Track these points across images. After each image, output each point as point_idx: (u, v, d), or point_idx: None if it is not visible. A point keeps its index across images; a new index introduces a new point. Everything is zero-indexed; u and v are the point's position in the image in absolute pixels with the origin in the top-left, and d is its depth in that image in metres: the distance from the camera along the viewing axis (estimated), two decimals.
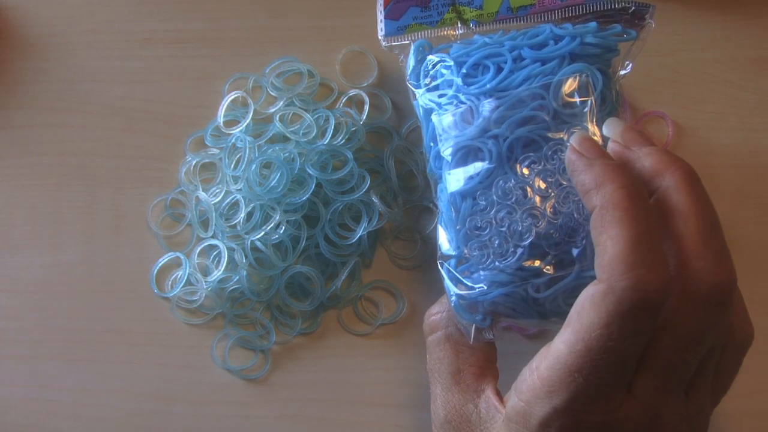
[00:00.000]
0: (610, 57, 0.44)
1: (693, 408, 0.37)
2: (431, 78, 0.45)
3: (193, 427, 0.49)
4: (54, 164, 0.53)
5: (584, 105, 0.41)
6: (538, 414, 0.35)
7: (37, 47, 0.55)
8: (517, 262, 0.40)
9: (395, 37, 0.47)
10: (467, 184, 0.42)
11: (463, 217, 0.41)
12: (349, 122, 0.51)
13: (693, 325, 0.35)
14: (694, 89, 0.54)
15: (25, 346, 0.50)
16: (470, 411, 0.40)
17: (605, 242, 0.34)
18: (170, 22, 0.55)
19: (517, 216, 0.40)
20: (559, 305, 0.40)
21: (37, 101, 0.54)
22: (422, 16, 0.47)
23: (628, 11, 0.45)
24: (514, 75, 0.42)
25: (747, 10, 0.55)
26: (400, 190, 0.51)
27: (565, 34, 0.43)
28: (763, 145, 0.53)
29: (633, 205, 0.34)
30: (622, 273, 0.33)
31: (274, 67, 0.54)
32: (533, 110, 0.41)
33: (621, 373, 0.35)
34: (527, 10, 0.46)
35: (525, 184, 0.40)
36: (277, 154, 0.49)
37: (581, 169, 0.37)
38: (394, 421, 0.49)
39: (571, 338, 0.34)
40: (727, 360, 0.38)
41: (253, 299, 0.50)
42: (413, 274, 0.51)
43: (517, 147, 0.41)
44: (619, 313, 0.33)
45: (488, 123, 0.42)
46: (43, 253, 0.51)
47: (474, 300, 0.40)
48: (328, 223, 0.49)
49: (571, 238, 0.39)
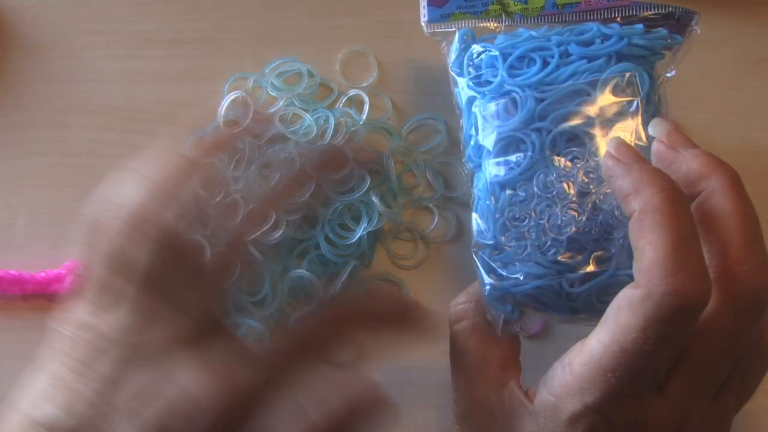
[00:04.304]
0: (654, 60, 0.44)
1: (719, 411, 0.37)
2: (475, 68, 0.45)
3: None
4: (54, 164, 0.53)
5: (630, 104, 0.41)
6: (568, 410, 0.35)
7: (37, 47, 0.55)
8: (554, 255, 0.40)
9: (438, 24, 0.47)
10: (508, 174, 0.42)
11: (501, 207, 0.41)
12: (348, 122, 0.51)
13: (730, 329, 0.35)
14: (694, 89, 0.54)
15: (26, 346, 0.50)
16: (493, 403, 0.40)
17: (644, 247, 0.34)
18: (170, 22, 0.55)
19: (557, 210, 0.40)
20: (592, 302, 0.40)
21: (37, 101, 0.54)
22: (466, 6, 0.47)
23: (674, 17, 0.45)
24: (561, 70, 0.43)
25: (747, 10, 0.55)
26: (400, 190, 0.51)
27: (613, 33, 0.43)
28: (763, 145, 0.53)
29: (672, 210, 0.34)
30: (662, 278, 0.33)
31: (274, 67, 0.54)
32: (578, 106, 0.41)
33: (654, 376, 0.35)
34: (573, 8, 0.46)
35: (566, 178, 0.41)
36: (277, 154, 0.49)
37: (619, 174, 0.37)
38: (394, 420, 0.49)
39: (607, 338, 0.34)
40: (754, 364, 0.38)
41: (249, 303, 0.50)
42: (413, 274, 0.51)
43: (560, 141, 0.41)
44: (657, 318, 0.33)
45: (532, 115, 0.42)
46: (43, 253, 0.51)
47: (508, 291, 0.40)
48: (328, 223, 0.49)
49: (610, 236, 0.39)
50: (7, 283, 0.50)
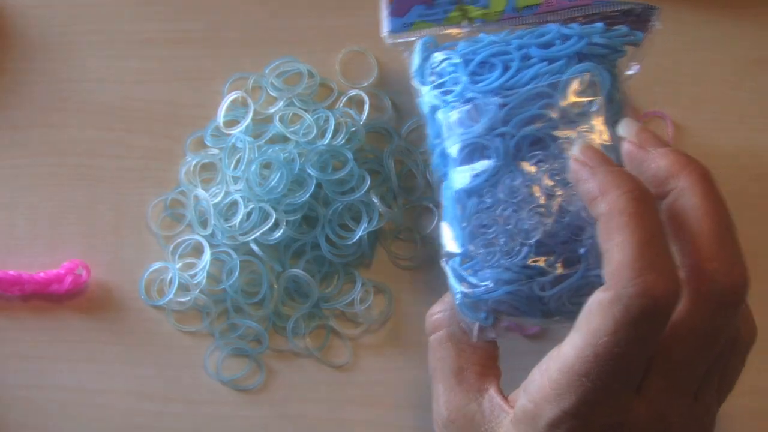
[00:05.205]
0: (616, 58, 0.44)
1: (701, 408, 0.37)
2: (437, 75, 0.45)
3: (192, 427, 0.49)
4: (54, 164, 0.53)
5: (592, 104, 0.41)
6: (546, 416, 0.35)
7: (37, 47, 0.55)
8: (523, 260, 0.40)
9: (399, 34, 0.47)
10: (473, 181, 0.42)
11: (468, 214, 0.41)
12: (348, 122, 0.51)
13: (705, 327, 0.35)
14: (694, 89, 0.54)
15: (25, 346, 0.50)
16: (473, 410, 0.40)
17: (611, 249, 0.34)
18: (170, 22, 0.55)
19: (524, 214, 0.40)
20: (564, 304, 0.39)
21: (37, 101, 0.54)
22: (427, 14, 0.47)
23: (635, 13, 0.45)
24: (522, 73, 0.42)
25: (747, 11, 0.55)
26: (400, 190, 0.51)
27: (573, 33, 0.43)
28: (763, 145, 0.53)
29: (638, 211, 0.34)
30: (629, 280, 0.33)
31: (274, 67, 0.54)
32: (540, 109, 0.41)
33: (629, 378, 0.35)
34: (533, 10, 0.46)
35: (532, 182, 0.40)
36: (277, 154, 0.49)
37: (585, 177, 0.37)
38: (394, 421, 0.49)
39: (579, 343, 0.34)
40: (732, 360, 0.38)
41: (247, 303, 0.50)
42: (413, 274, 0.51)
43: (524, 145, 0.41)
44: (627, 321, 0.33)
45: (495, 121, 0.42)
46: (43, 253, 0.51)
47: (479, 298, 0.40)
48: (328, 223, 0.49)
49: (578, 237, 0.39)
50: (7, 284, 0.50)
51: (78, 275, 0.50)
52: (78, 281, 0.50)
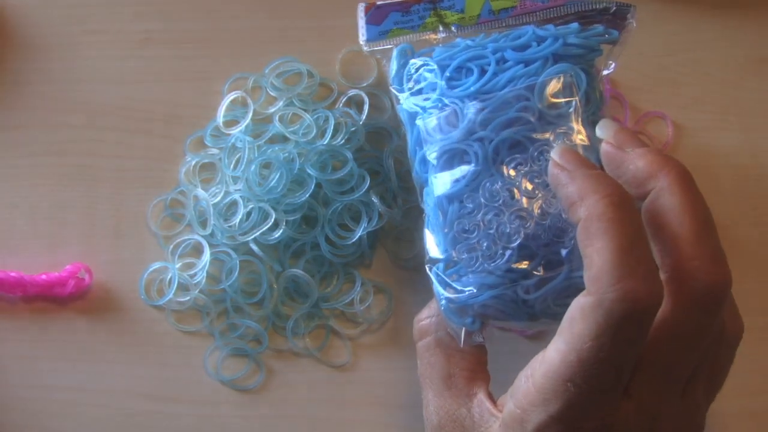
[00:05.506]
0: (592, 57, 0.44)
1: (690, 407, 0.37)
2: (414, 82, 0.45)
3: (192, 427, 0.49)
4: (54, 164, 0.53)
5: (569, 105, 0.41)
6: (533, 421, 0.35)
7: (38, 47, 0.55)
8: (506, 264, 0.40)
9: (377, 42, 0.47)
10: (454, 187, 0.42)
11: (450, 220, 0.41)
12: (348, 122, 0.51)
13: (689, 327, 0.35)
14: (694, 89, 0.54)
15: (26, 346, 0.50)
16: (463, 415, 0.40)
17: (591, 255, 0.34)
18: (170, 22, 0.55)
19: (505, 218, 0.40)
20: (549, 306, 0.40)
21: (37, 101, 0.54)
22: (403, 21, 0.47)
23: (610, 11, 0.45)
24: (498, 77, 0.42)
25: (747, 11, 0.55)
26: (399, 190, 0.51)
27: (548, 35, 0.43)
28: (763, 145, 0.53)
29: (617, 215, 0.34)
30: (610, 285, 0.33)
31: (274, 67, 0.54)
32: (518, 112, 0.41)
33: (614, 381, 0.34)
34: (509, 13, 0.46)
35: (512, 185, 0.40)
36: (277, 154, 0.49)
37: (564, 182, 0.36)
38: (394, 421, 0.49)
39: (563, 348, 0.34)
40: (720, 357, 0.38)
41: (247, 303, 0.50)
42: (413, 274, 0.51)
43: (503, 149, 0.41)
44: (609, 325, 0.33)
45: (473, 126, 0.42)
46: (44, 253, 0.51)
47: (464, 303, 0.40)
48: (328, 223, 0.49)
49: (560, 239, 0.39)
50: (9, 286, 0.50)
51: (81, 279, 0.50)
52: (81, 285, 0.50)
